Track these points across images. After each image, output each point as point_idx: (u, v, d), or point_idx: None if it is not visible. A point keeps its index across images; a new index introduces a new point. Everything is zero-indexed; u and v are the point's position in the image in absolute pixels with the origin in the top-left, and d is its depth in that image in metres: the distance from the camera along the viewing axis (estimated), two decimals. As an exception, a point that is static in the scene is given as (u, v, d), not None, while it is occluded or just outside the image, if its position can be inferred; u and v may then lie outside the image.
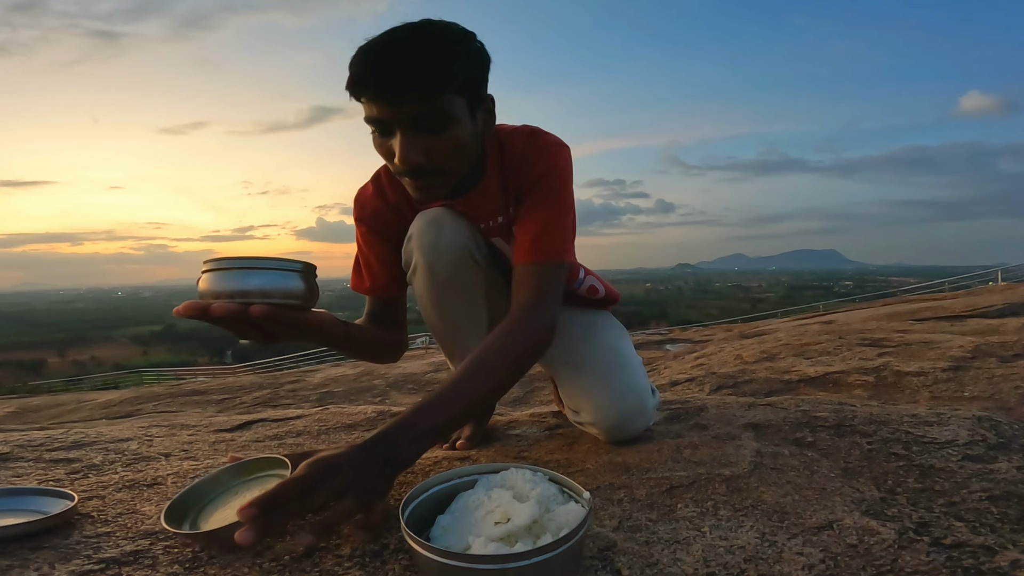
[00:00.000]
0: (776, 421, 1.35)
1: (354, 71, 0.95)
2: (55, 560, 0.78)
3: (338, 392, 3.75)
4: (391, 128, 0.98)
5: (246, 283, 0.80)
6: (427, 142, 0.97)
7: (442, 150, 0.99)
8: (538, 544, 0.70)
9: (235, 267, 0.81)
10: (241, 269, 0.81)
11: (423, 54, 0.93)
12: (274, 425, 1.57)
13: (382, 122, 0.97)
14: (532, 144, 1.12)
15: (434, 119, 0.96)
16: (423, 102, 0.94)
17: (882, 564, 0.77)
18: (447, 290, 1.17)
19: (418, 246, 1.13)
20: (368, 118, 0.98)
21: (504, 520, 0.74)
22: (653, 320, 60.34)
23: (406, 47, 0.93)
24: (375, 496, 0.80)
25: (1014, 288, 6.77)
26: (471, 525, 0.75)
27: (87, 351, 71.37)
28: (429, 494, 0.84)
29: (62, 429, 1.50)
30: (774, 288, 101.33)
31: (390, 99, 0.94)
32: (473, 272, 1.17)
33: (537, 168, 1.10)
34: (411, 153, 0.97)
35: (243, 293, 0.80)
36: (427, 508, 0.82)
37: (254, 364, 14.03)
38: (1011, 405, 1.76)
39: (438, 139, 0.98)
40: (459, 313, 1.21)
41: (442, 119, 0.96)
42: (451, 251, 1.12)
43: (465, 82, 0.97)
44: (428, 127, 0.96)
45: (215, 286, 0.81)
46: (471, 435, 1.32)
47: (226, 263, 0.81)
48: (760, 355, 2.98)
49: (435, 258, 1.13)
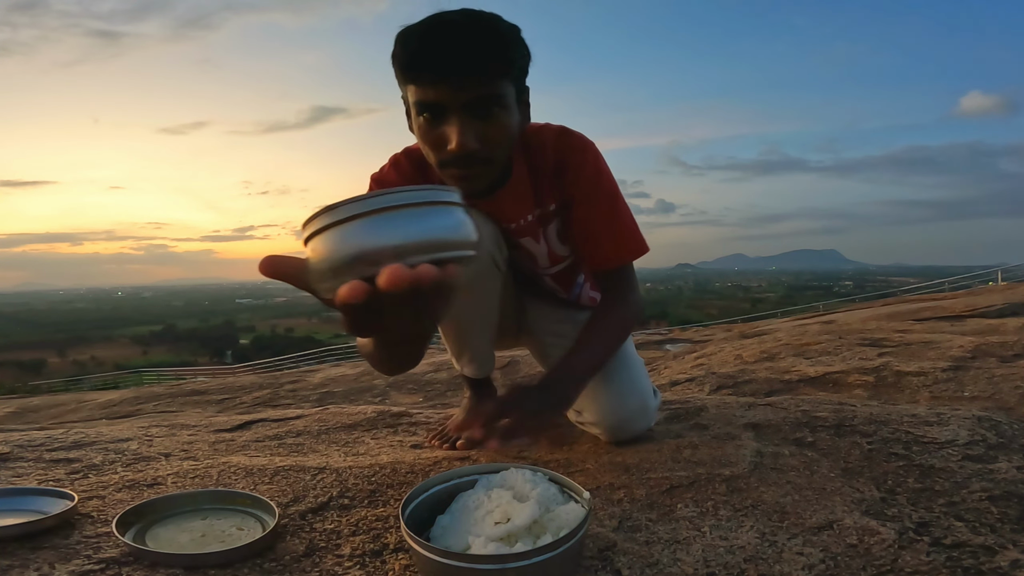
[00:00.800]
0: (776, 421, 1.35)
1: (411, 51, 0.92)
2: (55, 560, 0.78)
3: (338, 392, 3.75)
4: (445, 113, 0.94)
5: (418, 230, 0.49)
6: (481, 128, 0.95)
7: (495, 137, 0.97)
8: (538, 544, 0.70)
9: (387, 207, 0.48)
10: (399, 208, 0.49)
11: (484, 38, 0.91)
12: (274, 425, 1.57)
13: (437, 106, 0.94)
14: (566, 144, 1.11)
15: (491, 104, 0.94)
16: (483, 86, 0.93)
17: (882, 564, 0.77)
18: (467, 295, 1.15)
19: None
20: (419, 102, 0.95)
21: (504, 520, 0.74)
22: (653, 320, 60.35)
23: (465, 30, 0.91)
24: (552, 423, 1.00)
25: (1014, 288, 6.77)
26: (471, 525, 0.75)
27: (87, 351, 71.40)
28: (429, 494, 0.84)
29: (62, 429, 1.50)
30: (774, 288, 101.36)
31: (452, 81, 0.91)
32: (494, 279, 1.17)
33: (585, 172, 1.11)
34: (468, 138, 0.94)
35: (417, 247, 0.48)
36: (427, 508, 0.82)
37: (254, 364, 14.03)
38: (1011, 405, 1.76)
39: (491, 125, 0.96)
40: (473, 316, 1.21)
41: (497, 105, 0.95)
42: (477, 257, 1.11)
43: (519, 70, 0.97)
44: (483, 113, 0.95)
45: (364, 241, 0.48)
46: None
47: (364, 205, 0.48)
48: (760, 355, 2.98)
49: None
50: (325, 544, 0.85)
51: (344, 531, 0.89)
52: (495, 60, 0.93)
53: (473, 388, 1.43)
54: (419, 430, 1.50)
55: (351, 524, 0.91)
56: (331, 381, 4.15)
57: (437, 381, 3.68)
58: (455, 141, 0.94)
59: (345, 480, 1.08)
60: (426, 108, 0.95)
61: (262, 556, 0.80)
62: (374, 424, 1.56)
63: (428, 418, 1.60)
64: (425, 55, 0.91)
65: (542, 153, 1.12)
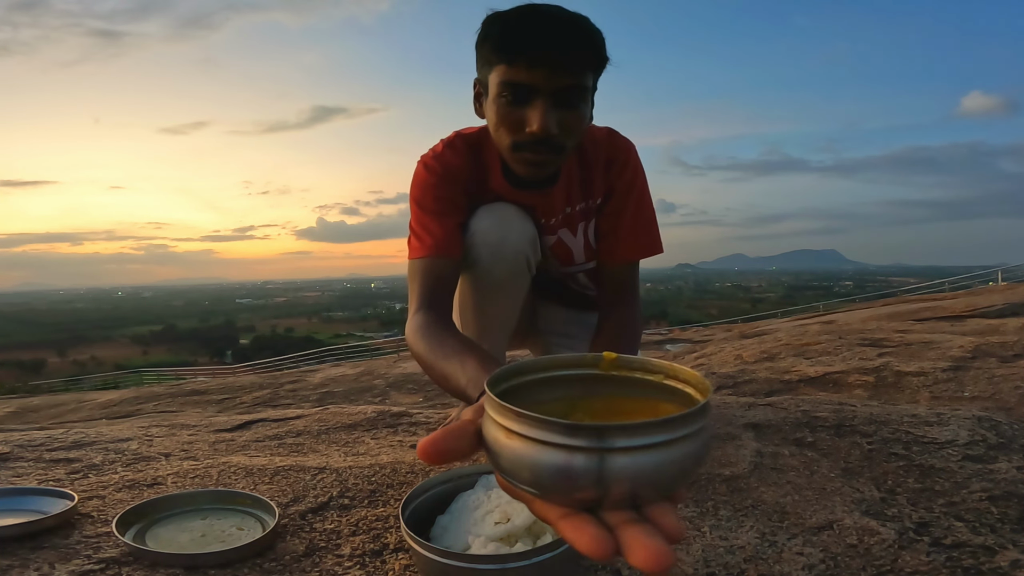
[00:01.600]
0: (776, 421, 1.35)
1: (511, 32, 0.93)
2: (55, 560, 0.78)
3: (338, 392, 3.75)
4: (531, 96, 0.96)
5: (678, 469, 0.40)
6: (563, 116, 0.97)
7: (573, 127, 0.99)
8: (538, 544, 0.70)
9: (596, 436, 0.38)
10: (602, 434, 0.38)
11: (582, 31, 0.94)
12: (274, 425, 1.57)
13: (525, 88, 0.95)
14: (616, 143, 1.16)
15: (577, 94, 0.97)
16: (575, 76, 0.95)
17: (882, 564, 0.77)
18: (497, 294, 1.17)
19: (482, 243, 1.11)
20: (508, 82, 0.96)
21: (504, 520, 0.74)
22: (653, 320, 60.34)
23: (566, 22, 0.93)
24: None
25: (1014, 288, 6.77)
26: (471, 525, 0.75)
27: (87, 351, 71.39)
28: (429, 494, 0.84)
29: (62, 429, 1.50)
30: (774, 288, 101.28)
31: (551, 65, 0.93)
32: (525, 280, 1.19)
33: (628, 170, 1.16)
34: (551, 123, 0.96)
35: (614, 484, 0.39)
36: (427, 508, 0.82)
37: (254, 364, 14.03)
38: (1011, 405, 1.76)
39: (572, 115, 0.98)
40: (497, 316, 1.22)
41: (582, 95, 0.98)
42: (513, 258, 1.12)
43: (601, 69, 1.00)
44: (567, 101, 0.96)
45: (544, 462, 0.39)
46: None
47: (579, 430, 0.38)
48: (760, 355, 2.98)
49: (495, 262, 1.12)
50: (325, 544, 0.85)
51: (344, 531, 0.89)
52: (596, 51, 0.95)
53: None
54: (419, 430, 1.50)
55: (351, 524, 0.91)
56: (331, 381, 4.15)
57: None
58: (538, 124, 0.95)
59: (345, 480, 1.08)
60: (514, 89, 0.96)
61: (262, 556, 0.80)
62: (374, 424, 1.56)
63: (428, 418, 1.60)
64: (527, 37, 0.92)
65: (594, 149, 1.16)
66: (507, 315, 1.24)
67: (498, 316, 1.22)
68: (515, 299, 1.21)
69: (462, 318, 1.24)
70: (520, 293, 1.21)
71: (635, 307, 1.16)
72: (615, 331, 1.10)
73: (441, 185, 1.14)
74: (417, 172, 1.18)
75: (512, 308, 1.23)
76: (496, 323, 1.24)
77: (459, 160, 1.17)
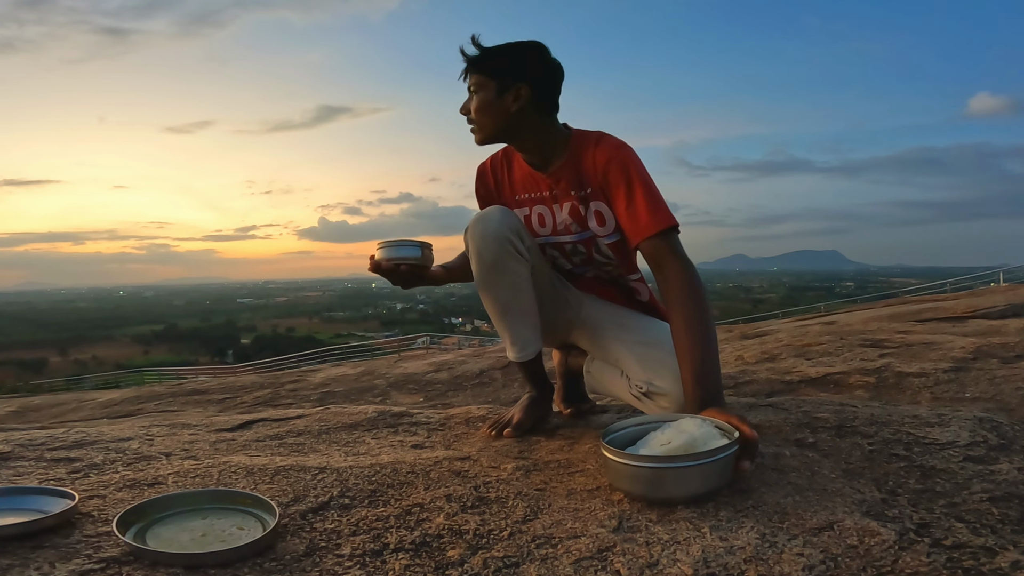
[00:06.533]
0: (777, 422, 1.35)
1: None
2: (56, 559, 0.78)
3: (339, 392, 3.75)
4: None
5: (397, 253, 1.33)
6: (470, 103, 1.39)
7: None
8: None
9: (392, 245, 1.33)
10: (394, 246, 1.33)
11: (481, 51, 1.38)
12: (275, 425, 1.57)
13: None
14: (602, 145, 1.34)
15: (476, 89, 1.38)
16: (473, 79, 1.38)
17: (882, 565, 0.77)
18: (491, 273, 1.35)
19: (470, 235, 1.35)
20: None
21: (667, 443, 1.01)
22: (654, 320, 60.03)
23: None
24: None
25: (1016, 289, 6.76)
26: (642, 447, 1.03)
27: (88, 350, 71.40)
28: (624, 431, 1.11)
29: (63, 428, 1.50)
30: (775, 289, 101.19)
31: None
32: (516, 261, 1.34)
33: (612, 167, 1.32)
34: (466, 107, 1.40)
35: (397, 259, 1.33)
36: (619, 443, 1.07)
37: (255, 364, 14.03)
38: (1012, 406, 1.76)
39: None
40: (505, 295, 1.37)
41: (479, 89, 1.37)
42: (495, 240, 1.32)
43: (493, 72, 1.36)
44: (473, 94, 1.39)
45: (383, 255, 1.33)
46: (519, 423, 1.41)
47: (389, 244, 1.34)
48: (761, 356, 2.98)
49: (482, 245, 1.33)
50: (325, 544, 0.85)
51: (344, 531, 0.89)
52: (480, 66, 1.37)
53: (531, 381, 1.49)
54: (419, 430, 1.50)
55: (351, 524, 0.91)
56: (332, 381, 4.15)
57: (438, 381, 3.69)
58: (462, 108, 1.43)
59: (346, 480, 1.08)
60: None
61: (263, 556, 0.80)
62: (375, 424, 1.56)
63: (429, 418, 1.60)
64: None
65: (584, 154, 1.35)
66: (515, 295, 1.37)
67: (505, 295, 1.37)
68: (512, 278, 1.35)
69: (486, 305, 1.42)
70: (517, 276, 1.35)
71: (674, 270, 1.26)
72: (665, 293, 1.28)
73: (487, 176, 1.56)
74: (489, 160, 1.55)
75: (515, 287, 1.36)
76: (509, 303, 1.38)
77: (495, 164, 1.56)
